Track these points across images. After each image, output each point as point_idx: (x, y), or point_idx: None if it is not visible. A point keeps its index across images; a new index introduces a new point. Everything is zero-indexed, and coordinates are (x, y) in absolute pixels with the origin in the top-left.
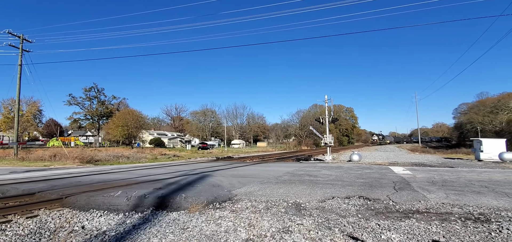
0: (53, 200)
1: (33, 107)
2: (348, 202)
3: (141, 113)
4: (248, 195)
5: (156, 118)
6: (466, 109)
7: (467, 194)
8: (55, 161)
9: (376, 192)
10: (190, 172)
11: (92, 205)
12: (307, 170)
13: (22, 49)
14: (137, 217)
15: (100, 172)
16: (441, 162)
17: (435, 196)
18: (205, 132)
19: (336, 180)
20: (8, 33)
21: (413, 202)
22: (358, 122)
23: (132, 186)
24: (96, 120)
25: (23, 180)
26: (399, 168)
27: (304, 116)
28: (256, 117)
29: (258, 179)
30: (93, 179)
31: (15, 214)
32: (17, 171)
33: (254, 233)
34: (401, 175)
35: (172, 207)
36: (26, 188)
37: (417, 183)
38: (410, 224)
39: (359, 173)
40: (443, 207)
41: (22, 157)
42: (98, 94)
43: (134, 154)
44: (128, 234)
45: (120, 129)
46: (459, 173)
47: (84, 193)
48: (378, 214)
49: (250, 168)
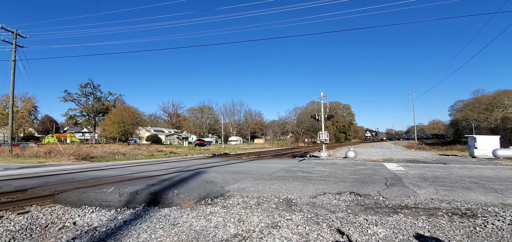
0: (45, 196)
1: (28, 103)
2: (339, 198)
3: (138, 110)
4: (240, 191)
5: (153, 115)
6: (462, 107)
7: (456, 190)
8: (50, 158)
9: (367, 188)
10: (185, 168)
11: (84, 201)
12: (302, 167)
13: (15, 44)
14: (129, 213)
15: (95, 169)
16: (435, 159)
17: (425, 191)
18: (202, 129)
19: (329, 176)
20: (1, 28)
21: (403, 198)
22: (355, 119)
23: (126, 183)
24: (92, 117)
25: (16, 176)
26: (392, 164)
27: (302, 113)
28: (254, 114)
29: (252, 175)
30: (87, 176)
31: (7, 210)
32: (11, 168)
33: (243, 228)
34: (394, 171)
35: (164, 203)
36: (19, 184)
37: (409, 179)
38: (397, 219)
39: (353, 169)
40: (432, 203)
41: (17, 153)
42: (94, 90)
43: (131, 150)
44: (119, 229)
45: (116, 126)
46: (451, 169)
47: (77, 190)
48: (367, 209)
49: (245, 164)
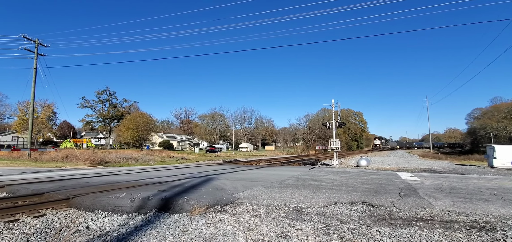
0: (60, 200)
1: (48, 109)
2: (351, 208)
3: (151, 116)
4: (250, 198)
5: (166, 121)
6: (480, 115)
7: (474, 202)
8: (67, 162)
9: (380, 198)
10: (195, 175)
11: (98, 205)
12: (312, 175)
13: (37, 53)
14: (140, 218)
15: (108, 174)
16: (452, 169)
17: (441, 203)
18: (213, 135)
19: (340, 185)
20: (23, 37)
21: (418, 209)
22: (367, 127)
23: (138, 188)
24: (108, 122)
25: (34, 180)
26: (407, 174)
27: (312, 121)
28: (264, 121)
29: (262, 182)
30: (101, 180)
31: (23, 213)
32: (29, 171)
33: (252, 237)
34: (408, 181)
35: (174, 209)
36: (36, 188)
37: (424, 190)
38: (412, 231)
39: (365, 179)
40: (449, 215)
41: (36, 157)
42: (110, 97)
43: (143, 156)
44: (130, 235)
45: (130, 132)
46: (469, 180)
47: (91, 194)
48: (380, 220)
49: (255, 171)
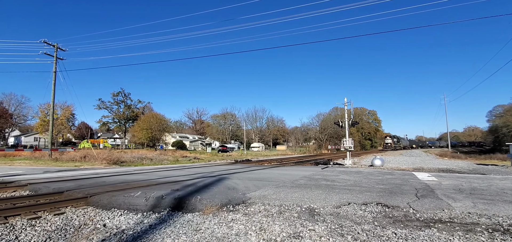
0: (79, 199)
1: (67, 111)
2: (365, 209)
3: (164, 117)
4: (262, 198)
5: (179, 122)
6: (502, 112)
7: (497, 204)
8: (85, 162)
9: (396, 199)
10: (207, 174)
11: (114, 204)
12: (325, 174)
13: (56, 57)
14: (154, 217)
15: (124, 173)
16: (472, 168)
17: (461, 204)
18: (225, 135)
19: (354, 185)
20: (43, 42)
21: (436, 211)
22: (381, 125)
23: (152, 187)
24: (123, 123)
25: (54, 179)
26: (423, 174)
27: (324, 120)
28: (276, 121)
29: (273, 182)
30: (117, 180)
31: (44, 211)
32: (50, 171)
33: (264, 237)
34: (425, 181)
35: (187, 208)
36: (56, 186)
37: (442, 191)
38: (430, 234)
39: (380, 179)
40: (469, 217)
41: (56, 157)
42: (125, 98)
43: (157, 156)
44: (145, 233)
45: (144, 132)
46: (491, 181)
47: (107, 193)
48: (396, 222)
49: (267, 171)
